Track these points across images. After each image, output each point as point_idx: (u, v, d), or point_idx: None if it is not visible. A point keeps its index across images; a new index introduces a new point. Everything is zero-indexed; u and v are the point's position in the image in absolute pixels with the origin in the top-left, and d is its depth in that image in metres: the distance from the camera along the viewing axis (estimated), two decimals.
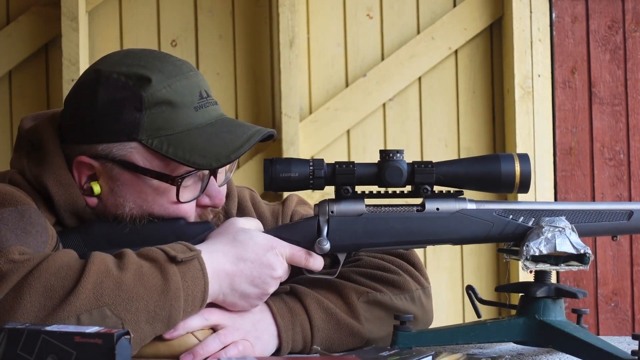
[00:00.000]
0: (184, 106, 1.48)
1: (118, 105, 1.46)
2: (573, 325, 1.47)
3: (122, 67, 1.49)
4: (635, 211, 1.51)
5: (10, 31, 3.63)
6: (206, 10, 3.66)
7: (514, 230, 1.49)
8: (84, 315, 1.29)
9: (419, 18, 3.66)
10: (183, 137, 1.46)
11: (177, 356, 1.41)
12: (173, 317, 1.36)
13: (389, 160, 1.47)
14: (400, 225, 1.49)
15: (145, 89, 1.46)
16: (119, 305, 1.31)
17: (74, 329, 1.18)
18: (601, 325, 3.58)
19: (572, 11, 3.60)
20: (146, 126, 1.46)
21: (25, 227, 1.39)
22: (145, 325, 1.33)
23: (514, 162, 1.47)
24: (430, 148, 3.64)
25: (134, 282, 1.33)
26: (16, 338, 1.18)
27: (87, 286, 1.30)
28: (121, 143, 1.47)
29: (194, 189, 1.51)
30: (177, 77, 1.49)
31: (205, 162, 1.45)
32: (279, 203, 1.74)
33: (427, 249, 3.60)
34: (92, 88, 1.49)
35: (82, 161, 1.49)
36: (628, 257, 3.59)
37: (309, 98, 3.63)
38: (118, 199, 1.49)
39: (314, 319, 1.51)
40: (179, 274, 1.36)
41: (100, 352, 1.15)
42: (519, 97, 3.53)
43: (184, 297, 1.36)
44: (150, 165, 1.47)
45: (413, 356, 1.39)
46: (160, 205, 1.49)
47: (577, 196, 3.57)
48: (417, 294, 1.60)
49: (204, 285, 1.39)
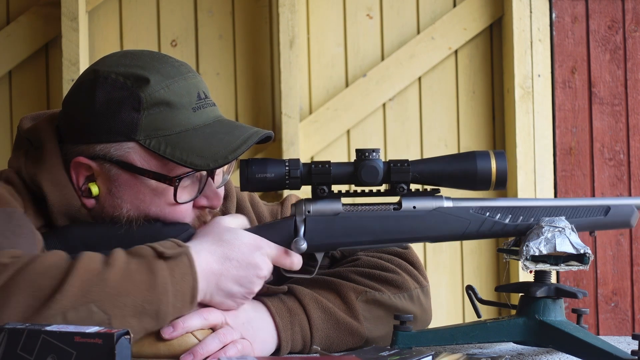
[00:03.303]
0: (182, 107, 1.48)
1: (116, 105, 1.46)
2: (573, 325, 1.47)
3: (120, 67, 1.49)
4: (612, 207, 1.51)
5: (10, 31, 3.63)
6: (206, 10, 3.66)
7: (491, 227, 1.49)
8: (70, 313, 1.29)
9: (419, 18, 3.66)
10: (181, 137, 1.46)
11: (177, 356, 1.41)
12: (162, 312, 1.36)
13: (364, 160, 1.47)
14: (377, 224, 1.49)
15: (144, 89, 1.46)
16: (105, 301, 1.31)
17: (74, 328, 1.18)
18: (601, 325, 3.58)
19: (572, 11, 3.60)
20: (144, 126, 1.46)
21: (15, 230, 1.39)
22: (132, 320, 1.33)
23: (490, 160, 1.47)
24: (430, 148, 3.64)
25: (121, 278, 1.33)
26: (16, 338, 1.18)
27: (74, 284, 1.30)
28: (119, 143, 1.47)
29: (192, 190, 1.51)
30: (176, 78, 1.49)
31: (203, 163, 1.45)
32: (277, 203, 1.74)
33: (427, 250, 3.60)
34: (90, 88, 1.49)
35: (80, 162, 1.49)
36: (628, 257, 3.59)
37: (309, 98, 3.63)
38: (116, 200, 1.49)
39: (313, 318, 1.51)
40: (167, 269, 1.36)
41: (100, 352, 1.15)
42: (519, 97, 3.53)
43: (172, 292, 1.36)
44: (148, 166, 1.47)
45: (413, 356, 1.39)
46: (157, 206, 1.48)
47: (577, 196, 3.57)
48: (415, 293, 1.60)
49: (192, 281, 1.39)
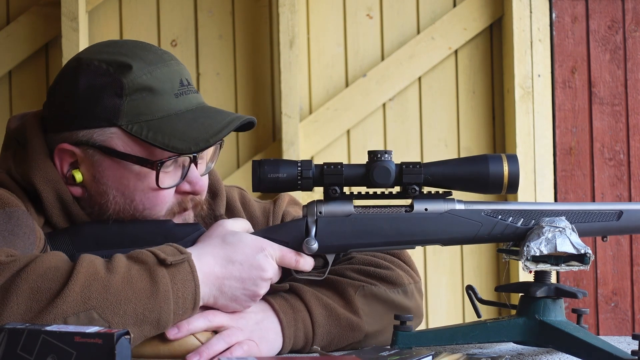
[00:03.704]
0: (164, 93, 1.49)
1: (98, 91, 1.47)
2: (573, 325, 1.47)
3: (103, 55, 1.51)
4: (625, 211, 1.51)
5: (10, 31, 3.63)
6: (206, 10, 3.65)
7: (503, 230, 1.49)
8: (71, 318, 1.29)
9: (419, 18, 3.66)
10: (163, 122, 1.47)
11: (178, 357, 1.41)
12: (162, 320, 1.36)
13: (377, 161, 1.47)
14: (388, 225, 1.49)
15: (126, 75, 1.47)
16: (106, 308, 1.31)
17: (74, 329, 1.18)
18: (601, 325, 3.58)
19: (572, 11, 3.60)
20: (126, 112, 1.47)
21: (13, 229, 1.39)
22: (133, 328, 1.33)
23: (502, 163, 1.47)
24: (430, 148, 3.64)
25: (122, 285, 1.33)
26: (16, 338, 1.18)
27: (75, 289, 1.30)
28: (101, 129, 1.48)
29: (175, 175, 1.51)
30: (158, 65, 1.50)
31: (184, 147, 1.46)
32: (270, 201, 1.74)
33: (427, 250, 3.60)
34: (73, 75, 1.50)
35: (64, 148, 1.50)
36: (628, 257, 3.59)
37: (309, 98, 3.63)
38: (101, 186, 1.49)
39: (315, 315, 1.52)
40: (168, 276, 1.36)
41: (100, 352, 1.15)
42: (519, 97, 3.53)
43: (173, 299, 1.36)
44: (131, 151, 1.48)
45: (413, 356, 1.39)
46: (140, 191, 1.49)
47: (577, 196, 3.57)
48: (410, 289, 1.61)
49: (194, 287, 1.38)
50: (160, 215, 1.51)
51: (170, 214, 1.53)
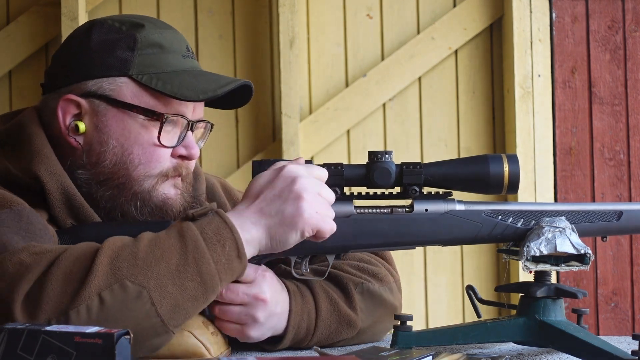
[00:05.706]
0: (174, 52, 1.55)
1: (112, 43, 1.53)
2: (573, 325, 1.47)
3: (115, 17, 1.58)
4: (625, 211, 1.51)
5: (10, 31, 3.63)
6: (206, 10, 3.66)
7: (503, 230, 1.49)
8: (106, 292, 1.29)
9: (419, 18, 3.66)
10: (172, 75, 1.52)
11: (177, 356, 1.41)
12: (204, 272, 1.34)
13: (377, 162, 1.47)
14: (388, 226, 1.49)
15: (139, 31, 1.54)
16: (138, 274, 1.31)
17: (73, 329, 1.18)
18: (601, 325, 3.58)
19: (572, 11, 3.60)
20: (137, 64, 1.52)
21: (28, 228, 1.39)
22: (173, 289, 1.32)
23: (503, 163, 1.47)
24: (430, 148, 3.64)
25: (150, 248, 1.33)
26: (16, 338, 1.18)
27: (103, 262, 1.30)
28: (112, 78, 1.52)
29: (174, 137, 1.54)
30: (167, 29, 1.58)
31: (193, 95, 1.50)
32: None
33: (427, 250, 3.60)
34: (86, 32, 1.56)
35: (70, 99, 1.52)
36: (628, 257, 3.59)
37: (309, 98, 3.63)
38: (102, 136, 1.52)
39: (321, 309, 1.53)
40: (195, 228, 1.36)
41: (100, 352, 1.15)
42: (519, 97, 3.53)
43: (208, 248, 1.35)
44: (139, 102, 1.52)
45: (413, 356, 1.39)
46: (140, 144, 1.51)
47: (577, 196, 3.57)
48: (394, 287, 1.63)
49: (230, 232, 1.37)
50: (152, 173, 1.53)
51: (163, 177, 1.54)
